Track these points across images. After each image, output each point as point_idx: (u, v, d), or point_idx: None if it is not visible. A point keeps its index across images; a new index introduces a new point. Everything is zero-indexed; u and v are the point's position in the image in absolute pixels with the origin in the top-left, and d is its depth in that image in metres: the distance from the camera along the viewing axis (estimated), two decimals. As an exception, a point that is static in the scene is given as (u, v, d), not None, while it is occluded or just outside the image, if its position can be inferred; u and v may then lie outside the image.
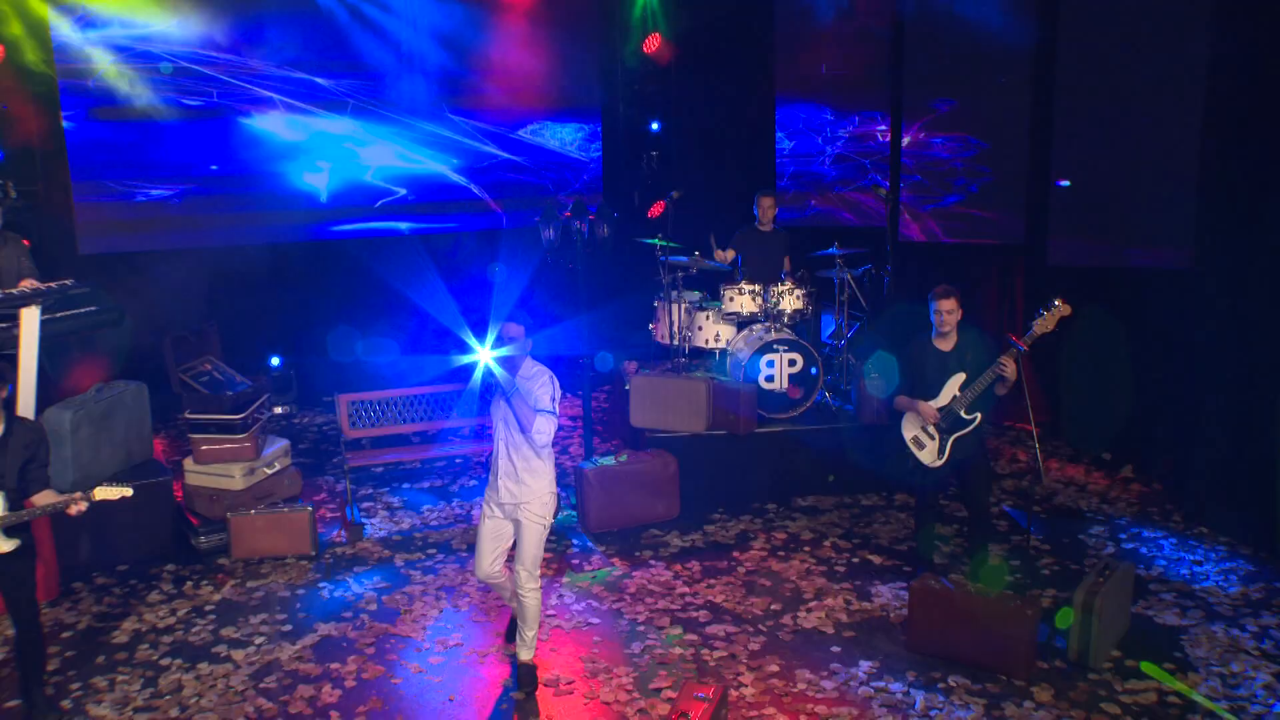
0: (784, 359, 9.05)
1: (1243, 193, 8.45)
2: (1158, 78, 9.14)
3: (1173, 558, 7.77)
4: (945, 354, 7.18)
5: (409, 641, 6.72)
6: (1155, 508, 8.68)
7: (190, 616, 7.11)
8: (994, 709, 5.95)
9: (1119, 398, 9.48)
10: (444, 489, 9.26)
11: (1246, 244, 8.24)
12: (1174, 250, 9.20)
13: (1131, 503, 8.80)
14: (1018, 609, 6.23)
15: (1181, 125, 9.07)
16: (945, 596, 6.45)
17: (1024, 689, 6.14)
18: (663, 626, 6.87)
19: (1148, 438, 9.41)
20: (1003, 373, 6.91)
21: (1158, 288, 9.24)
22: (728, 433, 8.83)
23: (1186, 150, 9.02)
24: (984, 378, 6.97)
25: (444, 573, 7.65)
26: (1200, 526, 8.23)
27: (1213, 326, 8.73)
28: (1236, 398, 8.14)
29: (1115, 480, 9.26)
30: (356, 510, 8.49)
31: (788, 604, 7.19)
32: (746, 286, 9.27)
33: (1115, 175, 9.47)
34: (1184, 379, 9.12)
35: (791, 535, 8.27)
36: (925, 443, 7.17)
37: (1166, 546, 7.98)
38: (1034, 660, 6.28)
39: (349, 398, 8.71)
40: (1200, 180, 8.93)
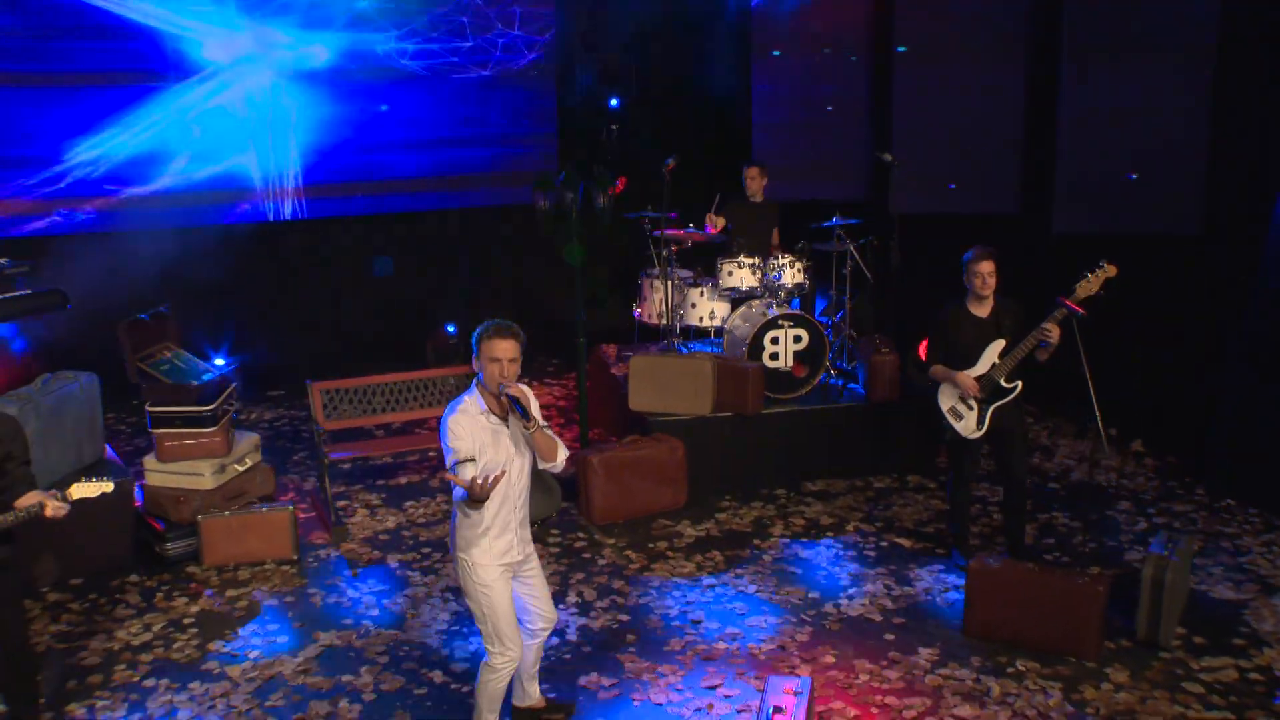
0: (789, 335, 8.78)
1: (1255, 156, 8.44)
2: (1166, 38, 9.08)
3: (1208, 531, 7.68)
4: (983, 320, 6.97)
5: (424, 648, 6.29)
6: (1175, 481, 8.62)
7: (168, 632, 6.58)
8: (1072, 692, 5.76)
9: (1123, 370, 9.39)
10: (424, 484, 8.80)
11: (1260, 208, 8.21)
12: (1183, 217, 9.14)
13: (1150, 477, 8.73)
14: (1086, 587, 6.04)
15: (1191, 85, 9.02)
16: (1006, 577, 6.24)
17: (1097, 670, 5.94)
18: (699, 621, 6.54)
19: (1156, 411, 9.35)
20: (1047, 338, 6.73)
21: (1166, 255, 9.18)
22: (734, 415, 8.52)
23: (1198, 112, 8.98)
24: (1025, 344, 6.78)
25: (445, 573, 7.22)
26: (1227, 499, 8.17)
27: (1225, 293, 8.71)
28: (1258, 365, 8.09)
29: (1127, 454, 9.17)
30: (331, 508, 7.97)
31: (826, 592, 6.93)
32: (746, 260, 8.97)
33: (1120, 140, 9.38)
34: (1195, 349, 9.09)
35: (810, 521, 8.02)
36: (963, 413, 6.96)
37: (1199, 520, 7.89)
38: (1103, 640, 6.08)
39: (323, 385, 8.20)
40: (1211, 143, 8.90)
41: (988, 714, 5.59)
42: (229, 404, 7.86)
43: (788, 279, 9.02)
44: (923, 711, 5.63)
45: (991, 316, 6.99)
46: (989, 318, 6.99)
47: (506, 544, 4.99)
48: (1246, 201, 8.55)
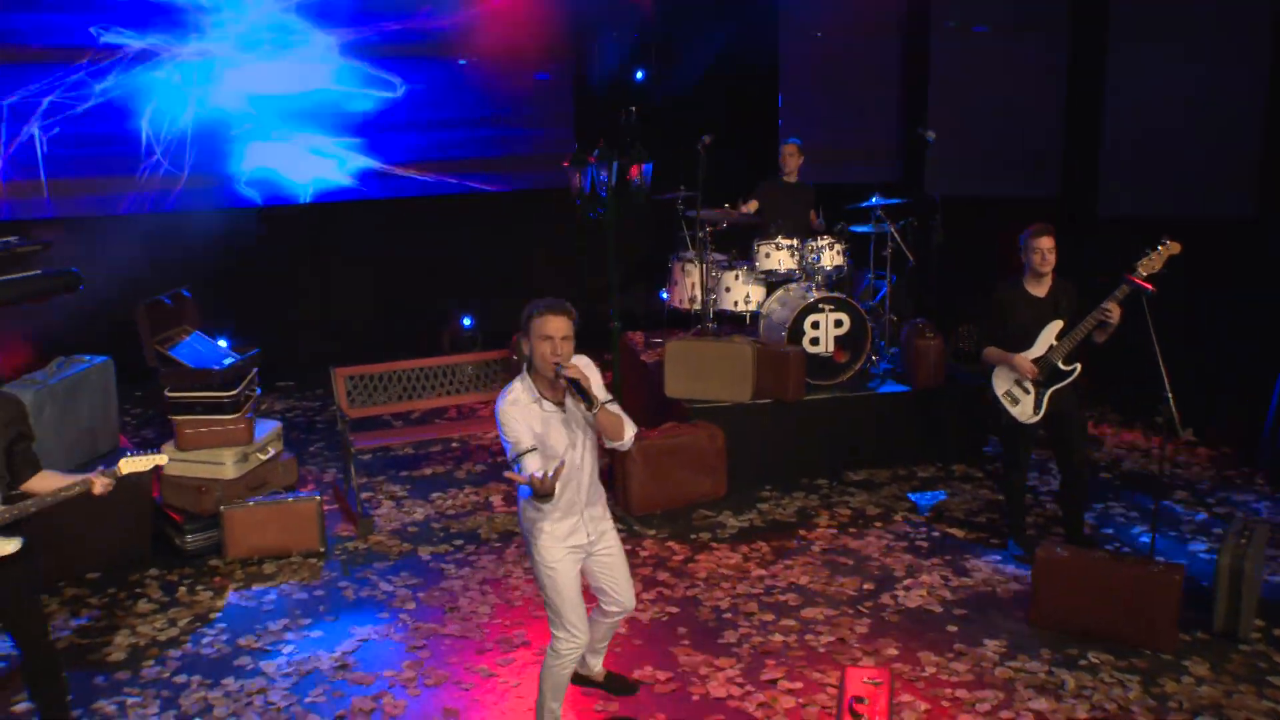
0: (830, 319, 8.64)
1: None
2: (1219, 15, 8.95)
3: (1273, 521, 7.55)
4: (1040, 300, 6.84)
5: (466, 642, 6.14)
6: (1233, 471, 8.49)
7: (195, 627, 6.42)
8: (1152, 685, 5.63)
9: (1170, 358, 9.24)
10: (449, 475, 8.65)
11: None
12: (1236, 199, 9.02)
13: (1205, 467, 8.61)
14: (1161, 575, 5.91)
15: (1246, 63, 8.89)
16: (1075, 566, 6.10)
17: (1174, 663, 5.81)
18: (752, 613, 6.41)
19: (1207, 400, 9.22)
20: (1107, 318, 6.58)
21: (1218, 238, 9.05)
22: (774, 401, 8.38)
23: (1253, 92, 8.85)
24: (1084, 324, 6.64)
25: (481, 565, 7.07)
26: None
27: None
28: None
29: (1178, 445, 9.05)
30: (356, 500, 7.81)
31: (880, 583, 6.80)
32: (784, 241, 8.82)
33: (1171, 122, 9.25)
34: (1248, 336, 8.97)
35: (856, 511, 7.88)
36: (1020, 397, 6.83)
37: (1262, 509, 7.77)
38: (1178, 631, 5.95)
39: (346, 371, 8.04)
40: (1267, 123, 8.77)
41: (1065, 707, 5.46)
42: (251, 390, 7.69)
43: (827, 261, 8.88)
44: (996, 705, 5.50)
45: (1049, 296, 6.85)
46: (1046, 297, 6.85)
47: (571, 527, 4.85)
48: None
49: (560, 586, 4.86)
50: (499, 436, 4.74)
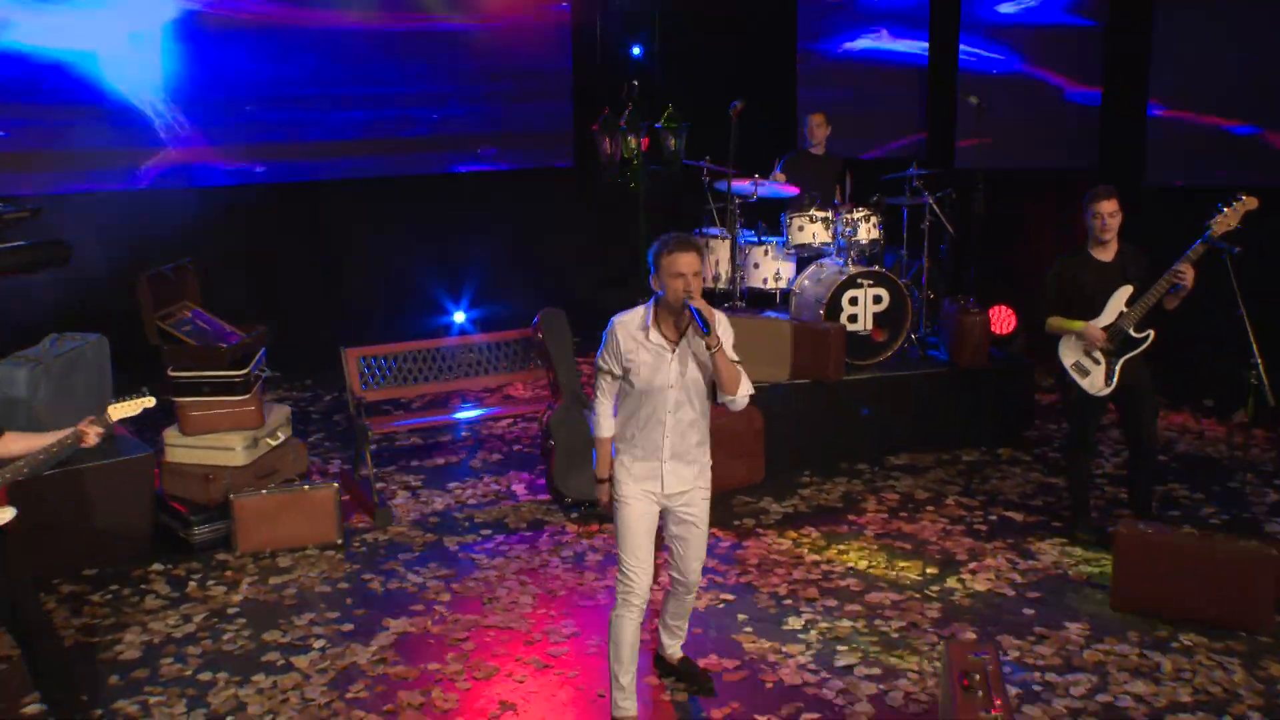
0: (869, 295, 8.50)
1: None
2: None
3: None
4: (1106, 265, 6.73)
5: (512, 633, 5.95)
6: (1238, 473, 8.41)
7: (213, 623, 6.18)
8: (1255, 668, 5.52)
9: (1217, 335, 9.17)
10: (463, 464, 8.45)
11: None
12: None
13: (1265, 448, 8.56)
14: (1257, 553, 5.80)
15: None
16: (1161, 544, 5.98)
17: (1274, 645, 5.71)
18: (813, 599, 6.26)
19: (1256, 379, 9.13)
20: (1181, 280, 6.47)
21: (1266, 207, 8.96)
22: (812, 381, 8.23)
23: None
24: (1156, 288, 6.53)
25: (515, 555, 6.89)
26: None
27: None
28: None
29: (1232, 426, 8.99)
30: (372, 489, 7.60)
31: (944, 567, 6.68)
32: (818, 214, 8.68)
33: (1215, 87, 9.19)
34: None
35: (904, 495, 7.75)
36: (1089, 368, 6.71)
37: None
38: (1275, 612, 5.84)
39: (358, 352, 7.84)
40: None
41: (1166, 690, 5.34)
42: (261, 370, 7.46)
43: (863, 234, 8.74)
44: (1090, 689, 5.37)
45: (1116, 260, 6.75)
46: (1114, 261, 6.74)
47: (648, 470, 4.89)
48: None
49: (625, 520, 4.89)
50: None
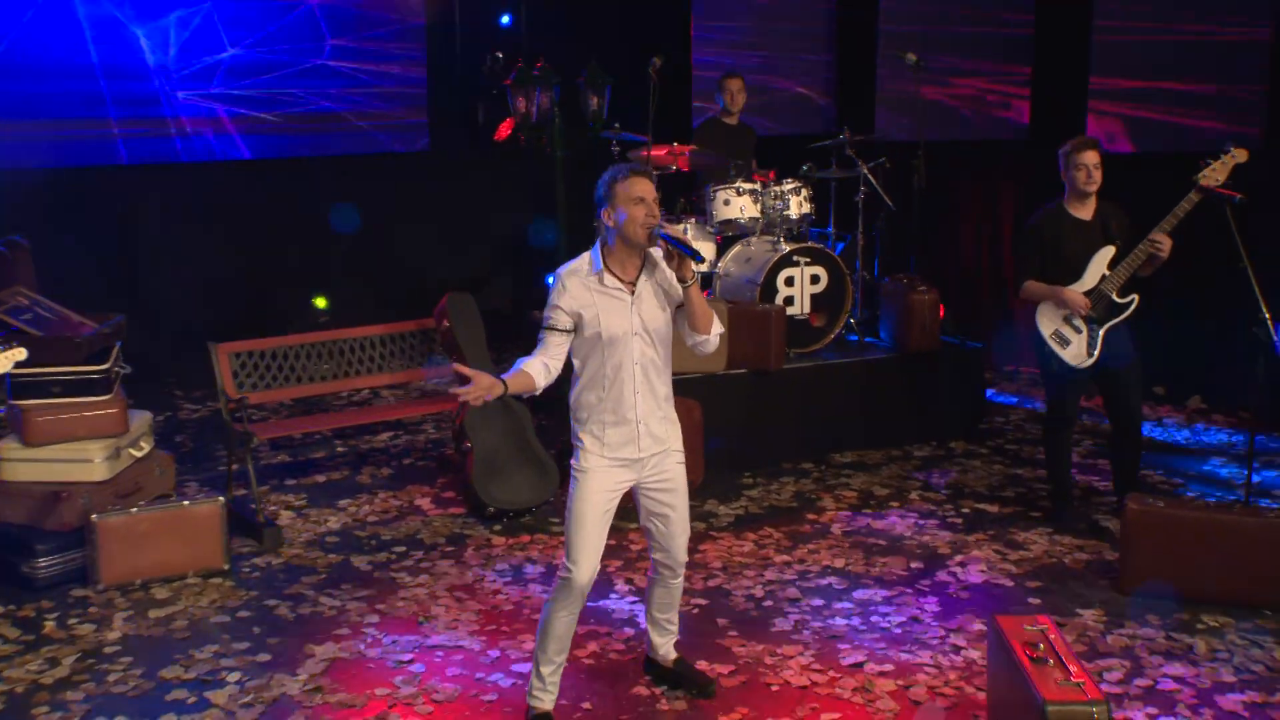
0: (806, 275, 8.64)
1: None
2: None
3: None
4: (1087, 223, 6.99)
5: (463, 652, 5.84)
6: (1262, 434, 8.84)
7: (90, 664, 5.86)
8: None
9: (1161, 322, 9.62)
10: (350, 481, 8.25)
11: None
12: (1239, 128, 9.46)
13: (1229, 434, 8.99)
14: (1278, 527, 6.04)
15: None
16: (1175, 518, 6.20)
17: (1304, 622, 5.97)
18: (795, 599, 6.31)
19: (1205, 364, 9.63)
20: (1158, 250, 6.76)
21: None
22: (751, 371, 8.30)
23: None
24: (1138, 252, 6.82)
25: (440, 572, 6.76)
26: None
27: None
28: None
29: (1189, 413, 9.44)
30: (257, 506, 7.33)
31: (929, 562, 6.81)
32: (745, 186, 8.77)
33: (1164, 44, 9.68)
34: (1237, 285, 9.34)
35: (862, 492, 7.90)
36: (1070, 338, 6.94)
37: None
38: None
39: (231, 348, 7.57)
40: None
41: (1208, 670, 5.53)
42: (120, 365, 7.12)
43: (794, 209, 8.88)
44: (1126, 673, 5.53)
45: (1096, 219, 7.00)
46: (1094, 220, 6.99)
47: (622, 435, 4.90)
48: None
49: (579, 496, 4.88)
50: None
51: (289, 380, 7.78)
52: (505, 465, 7.37)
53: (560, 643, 5.04)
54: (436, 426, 9.43)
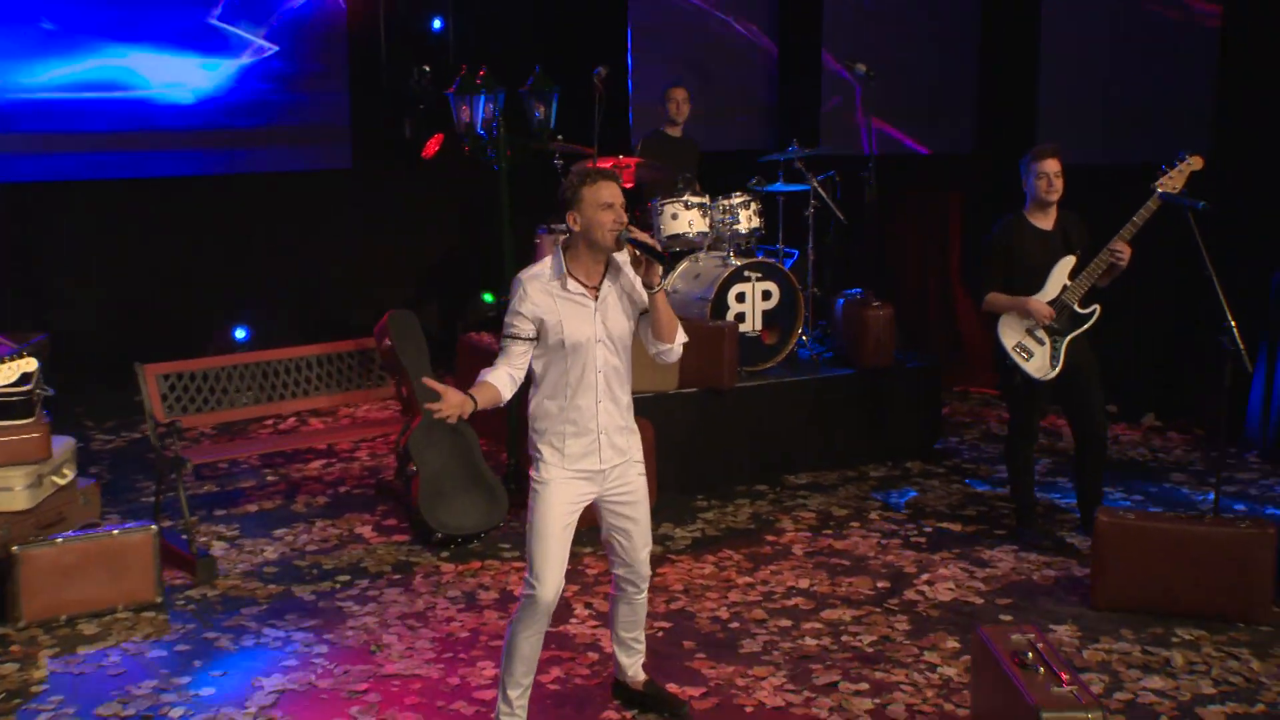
0: (757, 291, 8.75)
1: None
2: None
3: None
4: (1047, 233, 7.17)
5: (422, 681, 5.84)
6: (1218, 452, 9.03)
7: (16, 704, 5.75)
8: (1268, 657, 5.94)
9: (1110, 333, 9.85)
10: (284, 510, 8.21)
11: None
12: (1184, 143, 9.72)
13: (1187, 450, 9.20)
14: (1255, 536, 6.21)
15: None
16: (1148, 532, 6.35)
17: (1277, 635, 6.14)
18: (762, 620, 6.38)
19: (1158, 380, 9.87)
20: (1118, 259, 6.95)
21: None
22: (703, 390, 8.38)
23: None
24: (1099, 261, 7.01)
25: (389, 600, 6.75)
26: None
27: (1230, 232, 9.22)
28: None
29: (1144, 430, 9.66)
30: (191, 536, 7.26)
31: (895, 581, 6.92)
32: (694, 199, 8.86)
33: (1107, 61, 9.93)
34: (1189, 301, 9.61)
35: (821, 513, 8.01)
36: (1033, 350, 7.10)
37: (1276, 487, 8.35)
38: (1273, 600, 6.28)
39: (159, 369, 7.53)
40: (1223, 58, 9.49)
41: (1186, 683, 5.66)
42: (42, 387, 7.02)
43: (743, 223, 8.98)
44: (1105, 687, 5.65)
45: (1057, 228, 7.18)
46: (1054, 230, 7.18)
47: (584, 446, 4.94)
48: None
49: (541, 511, 4.90)
50: None
51: (220, 404, 7.70)
52: (453, 489, 7.37)
53: (527, 664, 5.06)
54: (371, 454, 9.38)
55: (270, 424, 9.81)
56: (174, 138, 11.06)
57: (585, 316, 4.90)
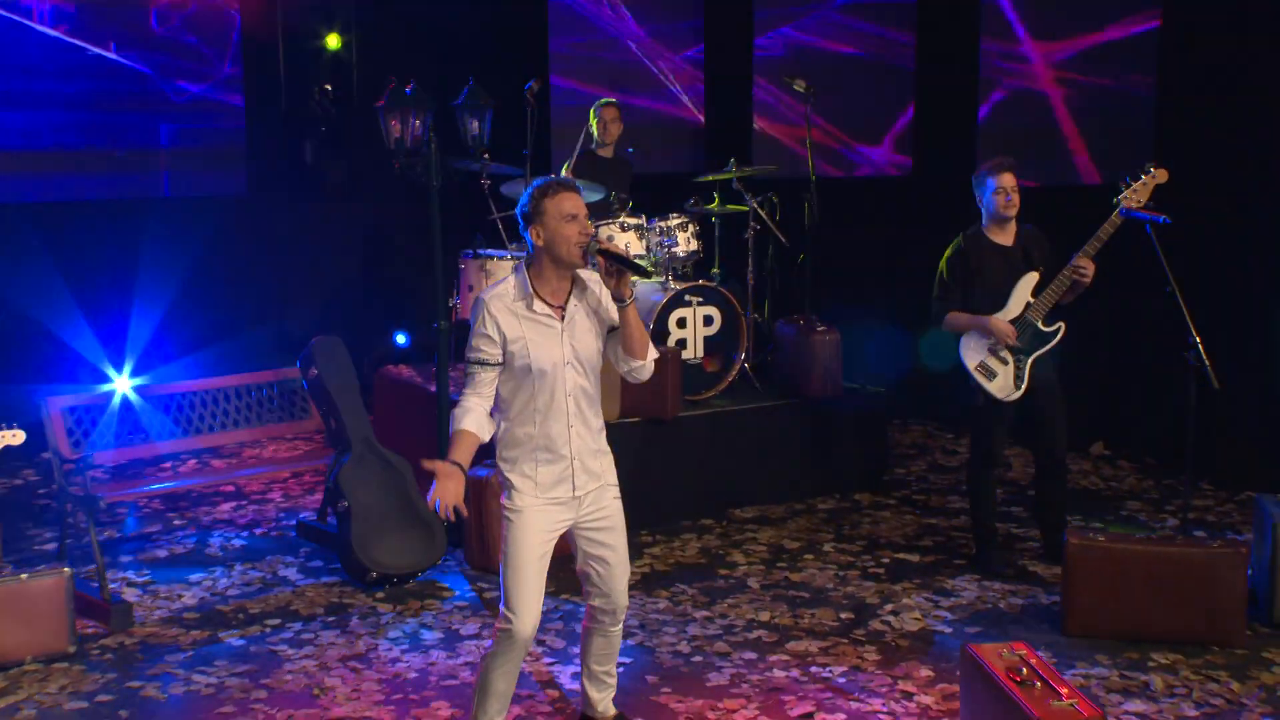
0: (698, 316, 8.93)
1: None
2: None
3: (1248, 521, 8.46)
4: (1008, 249, 7.43)
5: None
6: (1171, 481, 9.41)
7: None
8: (1246, 678, 6.20)
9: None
10: (198, 554, 8.20)
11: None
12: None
13: (1140, 479, 9.55)
14: (1227, 556, 6.48)
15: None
16: (1120, 554, 6.59)
17: (1252, 657, 6.43)
18: (725, 653, 6.53)
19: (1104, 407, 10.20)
20: (1082, 277, 7.22)
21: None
22: (645, 420, 8.53)
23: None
24: (1062, 278, 7.26)
25: (327, 643, 6.79)
26: (1246, 491, 8.98)
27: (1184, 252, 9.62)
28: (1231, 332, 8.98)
29: (1093, 459, 9.99)
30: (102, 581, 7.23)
31: (859, 612, 7.12)
32: (630, 221, 9.05)
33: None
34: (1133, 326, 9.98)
35: (773, 547, 8.20)
36: (996, 370, 7.34)
37: (1234, 512, 8.70)
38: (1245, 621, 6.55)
39: (66, 401, 7.51)
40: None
41: (1169, 706, 5.89)
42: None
43: (682, 245, 9.17)
44: (1087, 713, 5.83)
45: (1017, 244, 7.45)
46: (1014, 246, 7.44)
47: (555, 474, 5.02)
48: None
49: (515, 540, 4.97)
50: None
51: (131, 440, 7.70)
52: (387, 526, 7.42)
53: (502, 701, 5.15)
54: (285, 495, 9.39)
55: (168, 466, 9.77)
56: (45, 159, 10.97)
57: (552, 338, 4.96)
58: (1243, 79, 9.13)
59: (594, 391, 5.13)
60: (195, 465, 9.91)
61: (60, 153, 11.16)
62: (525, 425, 5.02)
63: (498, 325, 4.92)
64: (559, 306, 4.99)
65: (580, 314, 5.06)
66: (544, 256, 4.96)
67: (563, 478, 5.03)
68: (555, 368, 4.96)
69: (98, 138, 11.31)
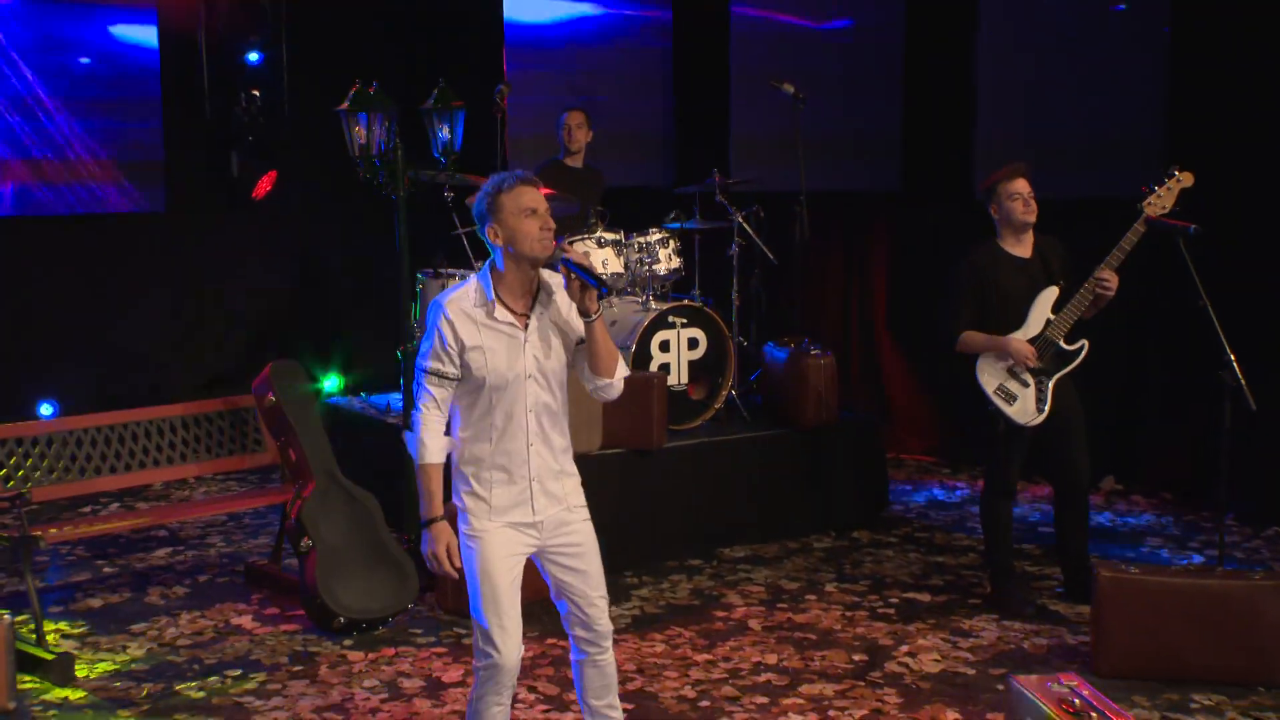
0: (683, 339, 9.04)
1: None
2: None
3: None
4: (1026, 261, 7.57)
5: (357, 777, 5.90)
6: (1192, 516, 9.62)
7: None
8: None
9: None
10: (137, 603, 8.20)
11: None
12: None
13: (1160, 513, 9.76)
14: (1270, 590, 6.60)
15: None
16: (1154, 587, 6.71)
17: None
18: (734, 698, 6.64)
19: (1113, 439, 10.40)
20: (1105, 289, 7.38)
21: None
22: (628, 451, 8.63)
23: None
24: (1084, 293, 7.39)
25: (296, 693, 6.82)
26: (1273, 526, 9.23)
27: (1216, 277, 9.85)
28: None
29: (1105, 494, 10.18)
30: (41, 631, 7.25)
31: (873, 654, 7.22)
32: (608, 236, 9.16)
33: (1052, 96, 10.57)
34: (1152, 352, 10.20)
35: (771, 587, 8.30)
36: (1016, 392, 7.46)
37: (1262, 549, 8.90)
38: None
39: (0, 434, 7.53)
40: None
41: (1218, 747, 6.03)
42: None
43: (663, 263, 9.28)
44: (1132, 756, 5.97)
45: (1036, 256, 7.58)
46: (1033, 258, 7.58)
47: (513, 496, 5.05)
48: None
49: (484, 563, 5.01)
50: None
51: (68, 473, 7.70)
52: (354, 566, 7.46)
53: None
54: (226, 539, 9.40)
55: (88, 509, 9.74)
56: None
57: (514, 349, 4.96)
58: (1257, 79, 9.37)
59: (559, 408, 5.14)
60: (119, 507, 9.87)
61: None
62: (480, 442, 5.04)
63: (455, 333, 4.95)
64: (522, 314, 5.00)
65: (544, 324, 5.05)
66: (506, 259, 4.98)
67: (520, 500, 5.04)
68: (515, 381, 4.97)
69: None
